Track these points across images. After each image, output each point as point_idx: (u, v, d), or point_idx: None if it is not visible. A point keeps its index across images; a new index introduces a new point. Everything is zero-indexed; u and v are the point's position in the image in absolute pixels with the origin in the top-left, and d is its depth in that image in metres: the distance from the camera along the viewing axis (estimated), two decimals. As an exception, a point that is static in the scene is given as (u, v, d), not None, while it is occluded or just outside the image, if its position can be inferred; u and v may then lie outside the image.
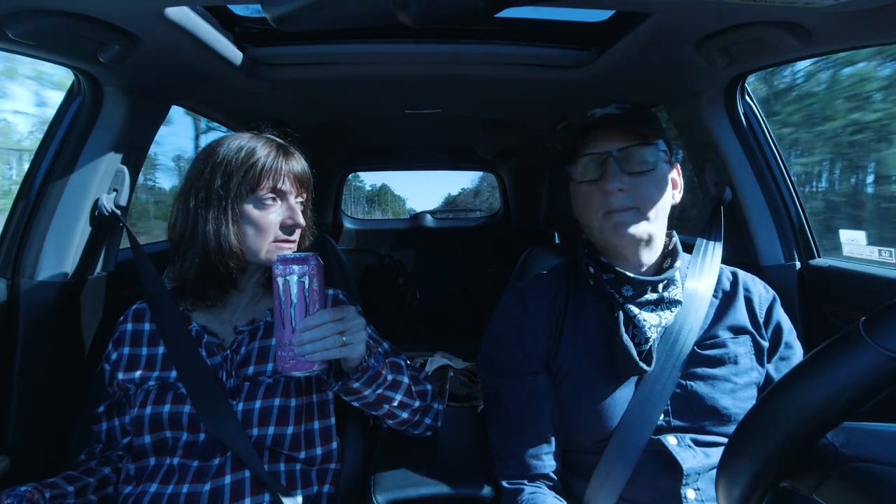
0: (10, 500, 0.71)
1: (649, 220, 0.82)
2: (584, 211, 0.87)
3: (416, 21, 0.51)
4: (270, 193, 0.87)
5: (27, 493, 0.73)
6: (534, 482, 0.83)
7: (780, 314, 0.89)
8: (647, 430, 0.79)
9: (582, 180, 0.85)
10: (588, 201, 0.85)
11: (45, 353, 1.04)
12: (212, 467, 0.81)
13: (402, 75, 1.36)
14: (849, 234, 1.27)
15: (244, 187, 0.85)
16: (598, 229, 0.85)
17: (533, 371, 0.87)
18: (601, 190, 0.82)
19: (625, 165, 0.81)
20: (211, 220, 0.85)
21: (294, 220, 0.89)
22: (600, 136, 0.83)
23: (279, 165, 0.88)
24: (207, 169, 0.86)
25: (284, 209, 0.89)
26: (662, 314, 0.84)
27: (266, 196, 0.87)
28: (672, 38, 0.99)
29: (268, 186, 0.86)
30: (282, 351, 0.72)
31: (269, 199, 0.87)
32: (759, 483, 0.42)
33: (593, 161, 0.83)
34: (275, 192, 0.88)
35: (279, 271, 0.72)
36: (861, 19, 0.79)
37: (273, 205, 0.88)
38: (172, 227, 0.89)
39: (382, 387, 0.83)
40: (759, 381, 0.85)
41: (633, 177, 0.81)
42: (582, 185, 0.86)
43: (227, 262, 0.85)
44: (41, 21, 0.80)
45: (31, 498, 0.73)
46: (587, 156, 0.84)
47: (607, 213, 0.82)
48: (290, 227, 0.89)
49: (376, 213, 19.76)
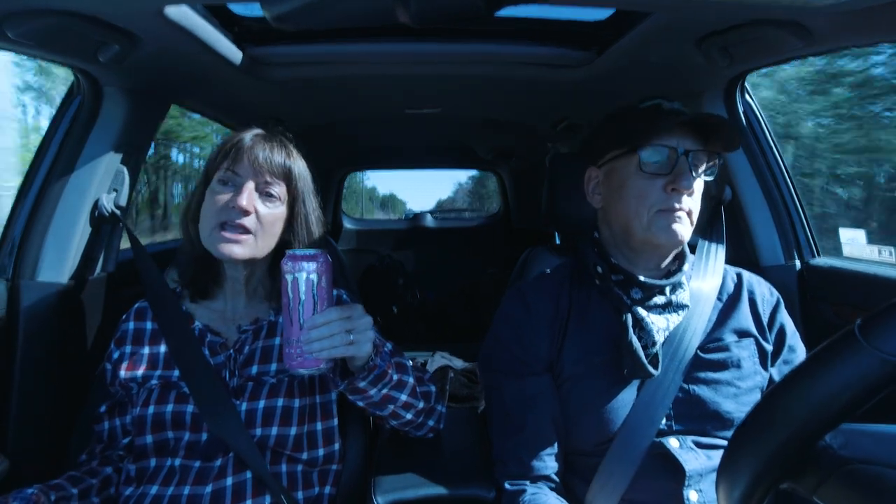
0: (16, 503, 0.71)
1: (692, 225, 0.82)
2: (630, 202, 0.81)
3: (415, 20, 0.51)
4: (226, 175, 0.84)
5: (33, 496, 0.72)
6: (535, 483, 0.83)
7: (784, 317, 0.89)
8: (650, 434, 0.79)
9: (645, 170, 0.80)
10: (644, 193, 0.80)
11: (45, 354, 1.04)
12: (213, 468, 0.81)
13: (402, 75, 1.36)
14: (849, 233, 1.27)
15: (213, 167, 0.86)
16: (643, 226, 0.80)
17: (534, 372, 0.87)
18: (667, 187, 0.79)
19: (694, 168, 0.79)
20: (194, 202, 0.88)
21: (236, 202, 0.81)
22: (674, 131, 0.79)
23: (250, 149, 0.84)
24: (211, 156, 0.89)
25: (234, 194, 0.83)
26: (670, 317, 0.83)
27: (221, 177, 0.85)
28: (672, 38, 0.99)
29: (225, 167, 0.84)
30: (289, 348, 0.72)
31: (224, 179, 0.85)
32: (758, 484, 0.42)
33: (660, 153, 0.79)
34: (232, 173, 0.84)
35: (288, 268, 0.71)
36: (861, 18, 0.79)
37: (225, 188, 0.84)
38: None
39: (388, 386, 0.82)
40: (763, 385, 0.84)
41: (695, 180, 0.80)
42: (639, 175, 0.80)
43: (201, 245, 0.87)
44: (41, 21, 0.80)
45: (37, 501, 0.72)
46: (661, 146, 0.79)
47: (662, 211, 0.79)
48: (232, 209, 0.81)
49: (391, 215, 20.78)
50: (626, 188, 0.82)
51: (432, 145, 2.97)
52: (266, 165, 0.84)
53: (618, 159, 0.84)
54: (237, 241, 0.82)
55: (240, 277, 0.91)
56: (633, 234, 0.83)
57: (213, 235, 0.83)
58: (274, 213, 0.87)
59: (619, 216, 0.85)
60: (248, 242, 0.83)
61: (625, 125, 0.84)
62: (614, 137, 0.85)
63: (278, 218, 0.88)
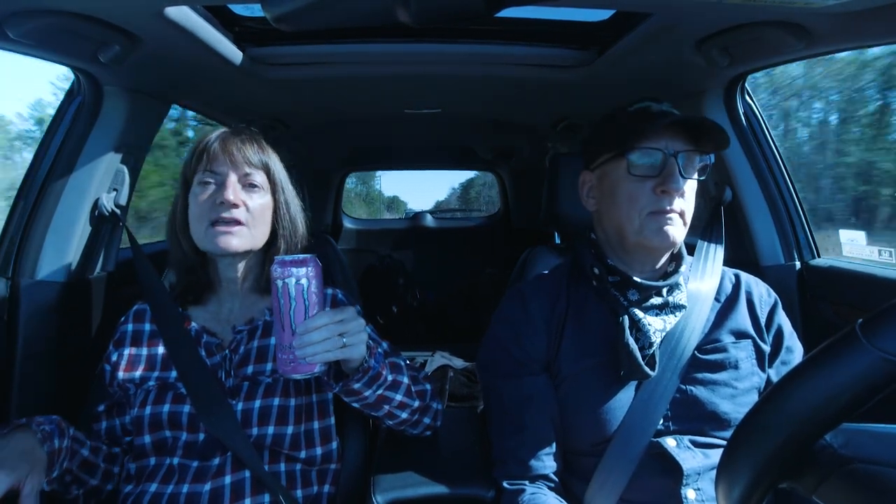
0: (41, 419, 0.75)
1: (685, 226, 0.82)
2: (622, 206, 0.82)
3: (416, 20, 0.51)
4: (206, 176, 0.86)
5: (57, 421, 0.77)
6: (534, 483, 0.83)
7: (782, 318, 0.89)
8: (647, 434, 0.79)
9: (634, 173, 0.80)
10: (634, 196, 0.80)
11: (45, 353, 1.04)
12: (212, 467, 0.81)
13: (402, 75, 1.36)
14: (849, 234, 1.27)
15: (195, 172, 0.88)
16: (636, 229, 0.81)
17: (532, 372, 0.87)
18: (656, 189, 0.79)
19: (683, 169, 0.79)
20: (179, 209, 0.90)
21: (223, 196, 0.83)
22: (662, 133, 0.80)
23: (223, 146, 0.87)
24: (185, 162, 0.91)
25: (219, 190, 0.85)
26: (667, 318, 0.83)
27: (203, 179, 0.87)
28: (672, 38, 0.99)
29: (204, 167, 0.87)
30: (282, 354, 0.72)
31: (205, 180, 0.86)
32: (758, 484, 0.42)
33: (649, 156, 0.80)
34: (211, 172, 0.86)
35: (277, 273, 0.71)
36: (861, 19, 0.79)
37: (208, 186, 0.86)
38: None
39: (383, 387, 0.83)
40: (760, 386, 0.85)
41: (686, 181, 0.80)
42: (629, 178, 0.81)
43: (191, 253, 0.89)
44: (41, 21, 0.80)
45: (59, 425, 0.76)
46: (649, 149, 0.79)
47: (653, 214, 0.80)
48: (221, 205, 0.84)
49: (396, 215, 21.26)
50: (617, 192, 0.83)
51: (432, 145, 2.97)
52: (242, 157, 0.87)
53: (608, 163, 0.85)
54: (232, 234, 0.85)
55: (235, 277, 0.92)
56: (626, 237, 0.84)
57: (208, 234, 0.85)
58: (261, 203, 0.89)
59: (611, 220, 0.85)
60: (243, 233, 0.86)
61: (614, 129, 0.84)
62: (604, 141, 0.86)
63: (266, 206, 0.90)
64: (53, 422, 0.76)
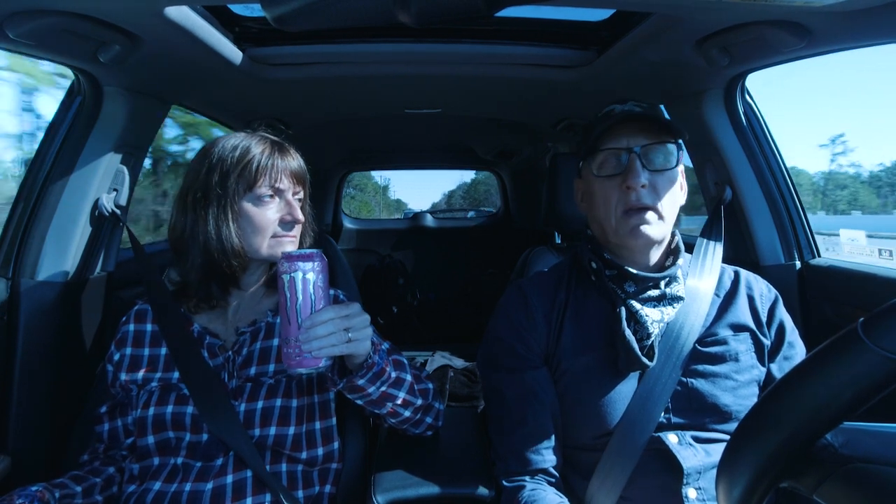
0: (21, 499, 0.71)
1: (664, 220, 0.82)
2: (599, 208, 0.85)
3: (416, 20, 0.51)
4: (268, 191, 0.88)
5: (38, 493, 0.73)
6: (534, 477, 0.83)
7: (783, 313, 0.89)
8: (649, 427, 0.79)
9: (601, 174, 0.84)
10: (606, 197, 0.83)
11: (45, 353, 1.04)
12: (214, 467, 0.81)
13: (402, 75, 1.36)
14: (848, 233, 1.27)
15: (241, 185, 0.86)
16: (613, 230, 0.83)
17: (533, 366, 0.87)
18: (622, 185, 0.81)
19: (647, 162, 0.81)
20: (211, 219, 0.86)
21: (293, 215, 0.90)
22: (622, 131, 0.82)
23: (275, 162, 0.89)
24: (203, 170, 0.87)
25: (282, 205, 0.90)
26: (664, 310, 0.84)
27: (264, 193, 0.88)
28: (672, 38, 0.99)
29: (265, 184, 0.87)
30: (287, 348, 0.72)
31: (266, 197, 0.88)
32: (759, 483, 0.42)
33: (615, 156, 0.82)
34: (272, 189, 0.88)
35: (284, 268, 0.72)
36: (861, 19, 0.79)
37: (271, 202, 0.89)
38: (172, 229, 0.90)
39: (386, 384, 0.83)
40: (760, 379, 0.85)
41: (653, 174, 0.81)
42: (599, 180, 0.84)
43: (231, 261, 0.86)
44: (41, 21, 0.80)
45: (41, 498, 0.73)
46: (609, 150, 0.83)
47: (626, 213, 0.81)
48: (290, 223, 0.90)
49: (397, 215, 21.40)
50: (593, 194, 0.86)
51: (432, 145, 2.97)
52: (296, 176, 0.92)
53: (584, 169, 0.89)
54: (292, 243, 0.93)
55: (256, 280, 0.95)
56: (608, 238, 0.86)
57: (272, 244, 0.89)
58: (306, 215, 0.97)
59: (595, 222, 0.89)
60: (296, 241, 0.95)
61: (585, 136, 0.89)
62: (579, 150, 0.90)
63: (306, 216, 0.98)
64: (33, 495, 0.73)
